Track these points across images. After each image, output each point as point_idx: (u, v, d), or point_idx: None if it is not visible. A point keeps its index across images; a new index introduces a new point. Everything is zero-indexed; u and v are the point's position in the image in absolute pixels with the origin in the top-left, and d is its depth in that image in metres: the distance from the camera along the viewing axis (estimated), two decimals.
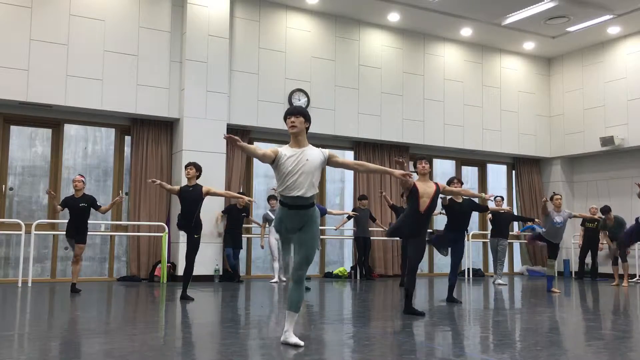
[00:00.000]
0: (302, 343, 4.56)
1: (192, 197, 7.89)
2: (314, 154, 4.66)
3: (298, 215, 4.61)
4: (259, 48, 12.43)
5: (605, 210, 12.60)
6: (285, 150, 4.64)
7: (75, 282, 8.84)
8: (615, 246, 12.29)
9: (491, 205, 11.22)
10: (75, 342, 4.85)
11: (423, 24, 13.77)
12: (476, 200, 9.06)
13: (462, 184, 8.46)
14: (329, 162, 4.78)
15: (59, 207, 9.02)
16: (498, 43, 14.99)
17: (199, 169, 8.02)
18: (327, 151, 4.79)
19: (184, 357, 4.23)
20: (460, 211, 8.30)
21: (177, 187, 8.19)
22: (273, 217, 11.01)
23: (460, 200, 8.30)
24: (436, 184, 6.95)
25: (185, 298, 7.90)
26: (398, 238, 7.03)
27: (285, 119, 4.71)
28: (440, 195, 7.26)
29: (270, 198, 11.60)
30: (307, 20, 13.00)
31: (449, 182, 8.45)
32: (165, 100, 11.43)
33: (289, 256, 8.61)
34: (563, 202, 10.34)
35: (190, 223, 7.91)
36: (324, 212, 10.94)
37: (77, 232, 8.84)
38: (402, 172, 5.26)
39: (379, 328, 5.83)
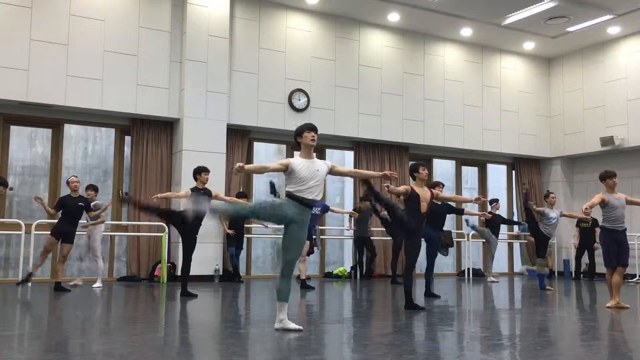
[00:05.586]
0: (301, 327, 5.13)
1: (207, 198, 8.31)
2: (321, 165, 5.44)
3: (306, 212, 5.32)
4: (259, 48, 12.43)
5: None
6: (297, 160, 5.36)
7: (61, 281, 8.94)
8: None
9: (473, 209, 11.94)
10: (75, 342, 4.85)
11: (423, 24, 13.76)
12: (453, 204, 9.87)
13: (443, 185, 9.35)
14: (331, 171, 5.57)
15: (52, 210, 9.15)
16: (498, 43, 14.98)
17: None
18: (329, 162, 5.56)
19: (184, 357, 4.24)
20: (437, 211, 8.97)
21: (185, 192, 8.47)
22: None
23: (439, 203, 8.90)
24: (430, 190, 7.50)
25: (188, 295, 8.10)
26: (396, 231, 8.22)
27: (302, 132, 5.40)
28: None
29: (88, 188, 9.81)
30: (307, 20, 12.99)
31: (433, 186, 8.76)
32: (165, 100, 11.42)
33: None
34: (562, 201, 10.42)
35: (200, 223, 8.21)
36: (326, 210, 10.95)
37: (69, 232, 9.00)
38: (388, 172, 6.03)
39: (379, 328, 5.83)
